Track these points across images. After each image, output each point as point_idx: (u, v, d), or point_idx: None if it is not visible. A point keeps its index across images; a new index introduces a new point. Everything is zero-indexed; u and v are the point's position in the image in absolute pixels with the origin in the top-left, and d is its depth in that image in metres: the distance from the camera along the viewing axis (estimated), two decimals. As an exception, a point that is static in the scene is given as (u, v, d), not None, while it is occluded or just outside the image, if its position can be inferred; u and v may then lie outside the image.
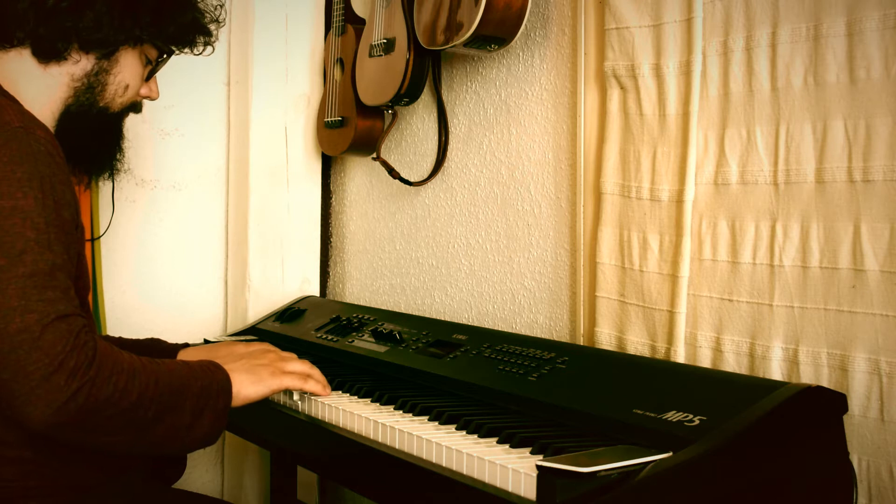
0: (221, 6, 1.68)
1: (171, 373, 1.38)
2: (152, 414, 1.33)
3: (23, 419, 1.23)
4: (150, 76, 1.62)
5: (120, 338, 1.83)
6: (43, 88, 1.47)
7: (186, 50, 1.64)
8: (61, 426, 1.24)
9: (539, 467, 1.14)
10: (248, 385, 1.49)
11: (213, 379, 1.44)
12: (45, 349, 1.22)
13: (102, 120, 1.56)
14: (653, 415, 1.34)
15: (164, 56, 1.62)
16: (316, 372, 1.64)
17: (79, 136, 1.51)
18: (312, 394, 1.63)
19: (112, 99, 1.56)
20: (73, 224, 1.38)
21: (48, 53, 1.47)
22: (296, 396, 1.68)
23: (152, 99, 1.66)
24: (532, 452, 1.29)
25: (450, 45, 1.99)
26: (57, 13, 1.44)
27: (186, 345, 1.85)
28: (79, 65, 1.50)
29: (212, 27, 1.66)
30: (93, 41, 1.48)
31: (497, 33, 1.93)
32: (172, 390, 1.36)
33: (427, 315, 2.33)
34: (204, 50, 1.67)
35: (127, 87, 1.57)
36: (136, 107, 1.64)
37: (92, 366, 1.26)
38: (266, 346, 1.87)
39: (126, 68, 1.55)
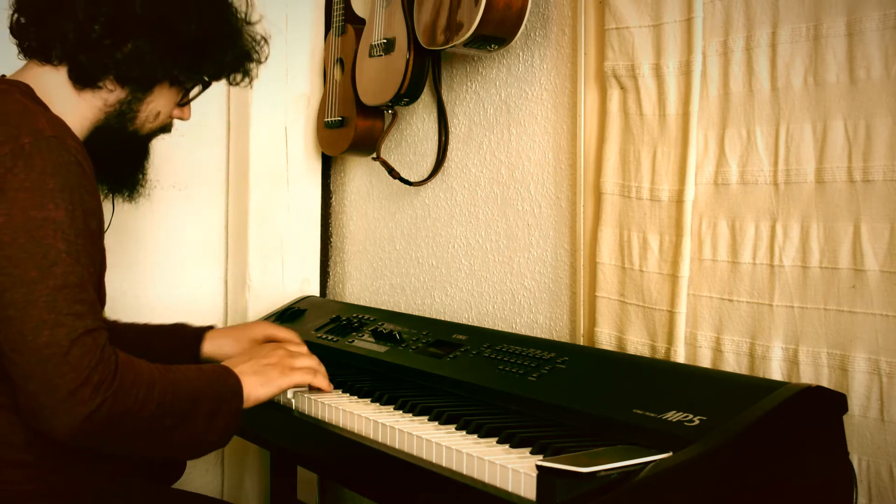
0: (266, 40, 1.64)
1: (187, 381, 1.40)
2: (170, 422, 1.35)
3: (47, 429, 1.26)
4: (184, 103, 1.61)
5: (146, 324, 1.84)
6: (75, 109, 1.47)
7: (222, 81, 1.63)
8: (84, 436, 1.27)
9: (539, 467, 1.14)
10: (257, 387, 1.51)
11: (226, 384, 1.46)
12: (73, 364, 1.24)
13: (131, 142, 1.56)
14: (653, 415, 1.34)
15: (201, 88, 1.61)
16: (322, 368, 1.67)
17: (105, 156, 1.50)
18: (320, 388, 1.65)
19: (142, 124, 1.55)
20: (99, 233, 1.39)
21: (84, 81, 1.46)
22: (290, 395, 1.68)
23: (184, 120, 1.64)
24: (532, 452, 1.29)
25: (450, 45, 1.99)
26: (99, 46, 1.43)
27: (212, 327, 1.85)
28: (113, 94, 1.49)
29: (254, 61, 1.63)
30: (131, 77, 1.47)
31: (497, 33, 1.93)
32: (189, 398, 1.38)
33: (427, 315, 2.33)
34: (242, 81, 1.64)
35: (159, 113, 1.56)
36: (166, 128, 1.62)
37: (115, 379, 1.28)
38: (295, 335, 1.87)
39: (160, 98, 1.54)
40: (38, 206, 1.27)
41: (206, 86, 1.61)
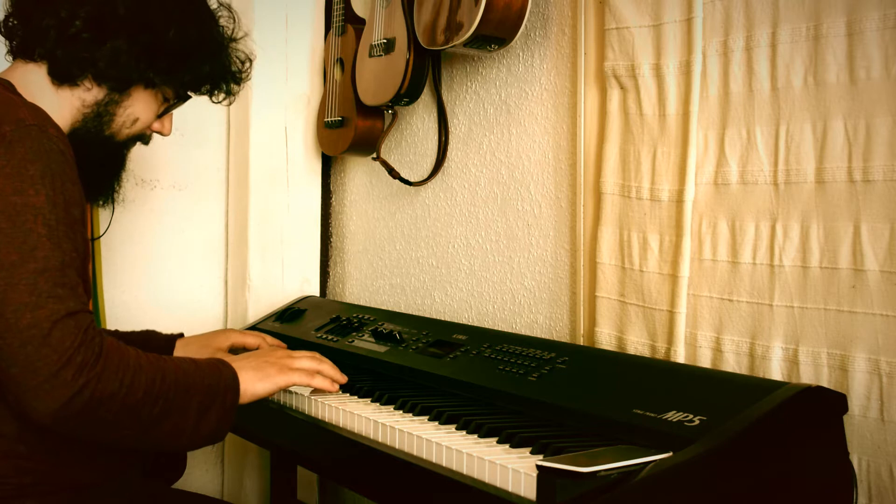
0: (250, 61, 1.67)
1: (178, 369, 1.39)
2: (158, 410, 1.34)
3: (29, 412, 1.25)
4: (163, 114, 1.63)
5: (116, 330, 1.83)
6: (53, 107, 1.48)
7: (204, 96, 1.65)
8: (67, 419, 1.26)
9: (539, 467, 1.14)
10: (254, 382, 1.50)
11: (221, 376, 1.45)
12: (54, 345, 1.24)
13: (107, 147, 1.57)
14: (653, 415, 1.34)
15: (180, 99, 1.62)
16: (326, 367, 1.65)
17: (81, 160, 1.51)
18: (320, 390, 1.64)
19: (119, 129, 1.56)
20: (81, 222, 1.39)
21: (62, 76, 1.48)
22: (290, 394, 1.68)
23: (163, 135, 1.66)
24: (532, 452, 1.29)
25: (450, 45, 1.99)
26: (77, 41, 1.46)
27: (182, 335, 1.85)
28: (90, 93, 1.51)
29: (236, 80, 1.65)
30: (107, 75, 1.49)
31: (497, 33, 1.93)
32: (179, 387, 1.37)
33: (427, 315, 2.33)
34: (223, 100, 1.67)
35: (136, 120, 1.57)
36: (144, 138, 1.64)
37: (98, 361, 1.27)
38: (268, 338, 1.87)
39: (138, 103, 1.56)
40: (18, 192, 1.28)
41: (184, 98, 1.63)
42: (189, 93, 1.62)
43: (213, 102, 1.67)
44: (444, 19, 2.01)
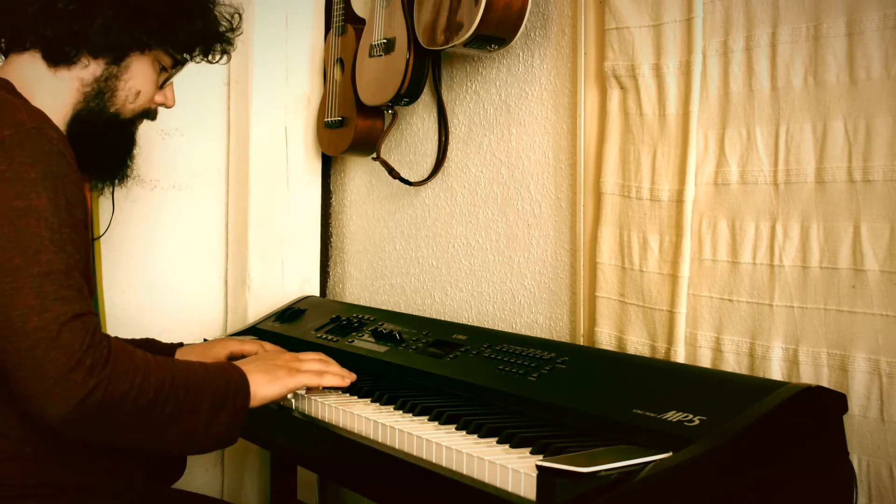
0: (239, 14, 1.67)
1: (188, 372, 1.39)
2: (169, 412, 1.34)
3: (40, 415, 1.25)
4: (164, 83, 1.61)
5: (116, 338, 1.84)
6: (54, 93, 1.47)
7: (201, 58, 1.63)
8: (78, 422, 1.25)
9: (539, 467, 1.14)
10: (264, 384, 1.50)
11: (230, 378, 1.45)
12: (63, 347, 1.23)
13: (113, 126, 1.55)
14: (653, 415, 1.34)
15: (178, 64, 1.61)
16: (333, 366, 1.65)
17: (88, 142, 1.50)
18: (329, 388, 1.63)
19: (123, 105, 1.55)
20: (83, 224, 1.39)
21: (57, 57, 1.47)
22: (290, 395, 1.68)
23: (168, 107, 1.64)
24: (532, 452, 1.29)
25: (450, 45, 1.99)
26: (65, 17, 1.45)
27: (181, 344, 1.85)
28: (88, 69, 1.49)
29: (227, 35, 1.64)
30: (101, 46, 1.48)
31: (497, 33, 1.93)
32: (189, 388, 1.37)
33: (427, 315, 2.33)
34: (220, 58, 1.66)
35: (139, 93, 1.56)
36: (150, 114, 1.62)
37: (108, 363, 1.27)
38: (267, 345, 1.88)
39: (138, 74, 1.54)
40: (19, 196, 1.27)
41: (182, 63, 1.61)
42: (185, 55, 1.60)
43: (211, 63, 1.65)
44: (444, 19, 2.01)
